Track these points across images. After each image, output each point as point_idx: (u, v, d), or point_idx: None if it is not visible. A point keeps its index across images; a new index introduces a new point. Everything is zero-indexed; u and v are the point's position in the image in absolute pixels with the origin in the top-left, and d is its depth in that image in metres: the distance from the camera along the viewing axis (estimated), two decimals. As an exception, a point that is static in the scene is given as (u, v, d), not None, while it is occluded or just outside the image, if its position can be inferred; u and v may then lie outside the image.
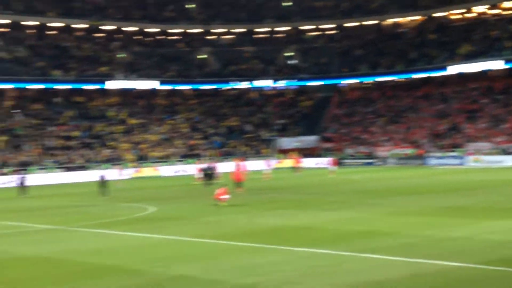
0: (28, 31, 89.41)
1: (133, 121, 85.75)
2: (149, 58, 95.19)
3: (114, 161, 72.98)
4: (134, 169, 70.46)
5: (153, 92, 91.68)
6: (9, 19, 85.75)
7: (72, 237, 26.87)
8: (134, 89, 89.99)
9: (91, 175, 62.66)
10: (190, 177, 58.60)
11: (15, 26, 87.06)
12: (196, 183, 53.43)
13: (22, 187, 51.45)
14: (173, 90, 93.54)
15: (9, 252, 23.38)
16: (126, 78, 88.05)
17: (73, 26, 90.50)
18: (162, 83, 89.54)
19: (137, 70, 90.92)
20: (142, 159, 76.54)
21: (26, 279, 18.22)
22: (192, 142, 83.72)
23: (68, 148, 76.91)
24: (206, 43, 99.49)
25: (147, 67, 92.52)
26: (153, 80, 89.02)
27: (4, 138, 74.97)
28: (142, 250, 22.47)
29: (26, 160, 71.21)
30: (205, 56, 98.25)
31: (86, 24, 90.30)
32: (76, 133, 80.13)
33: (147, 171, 71.60)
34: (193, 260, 19.83)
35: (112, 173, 49.88)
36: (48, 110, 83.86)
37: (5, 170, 67.18)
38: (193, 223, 29.36)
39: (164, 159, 77.32)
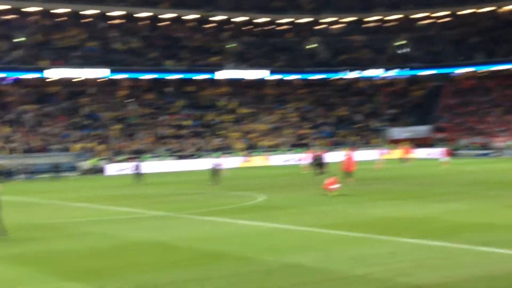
0: (141, 22, 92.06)
1: (243, 110, 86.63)
2: (259, 48, 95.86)
3: (224, 150, 74.02)
4: (244, 158, 71.38)
5: (262, 82, 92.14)
6: (123, 11, 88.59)
7: (183, 224, 27.07)
8: (244, 79, 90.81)
9: (202, 164, 64.13)
10: (299, 166, 58.75)
11: (129, 17, 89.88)
12: (304, 172, 53.36)
13: (137, 174, 53.01)
14: (283, 80, 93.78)
15: (122, 237, 23.79)
16: (236, 68, 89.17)
17: (184, 17, 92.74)
18: (271, 72, 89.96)
19: (247, 60, 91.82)
20: (251, 148, 77.19)
21: (139, 264, 18.48)
22: (301, 131, 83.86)
23: (180, 136, 78.59)
24: (315, 32, 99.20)
25: (257, 57, 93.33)
26: (262, 69, 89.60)
27: (119, 126, 77.65)
28: (252, 238, 22.56)
29: (140, 148, 73.46)
30: (314, 45, 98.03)
31: (197, 14, 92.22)
32: (187, 122, 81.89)
33: (257, 160, 72.26)
34: (303, 250, 19.66)
35: (222, 162, 50.68)
36: (160, 99, 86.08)
37: (119, 158, 69.78)
38: (303, 212, 29.18)
39: (274, 148, 77.80)
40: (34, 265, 19.10)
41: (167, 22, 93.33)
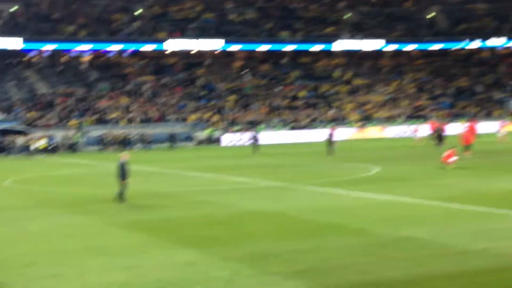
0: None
1: (358, 81, 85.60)
2: (375, 17, 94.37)
3: (339, 121, 73.43)
4: (359, 129, 70.79)
5: (378, 52, 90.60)
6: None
7: (298, 194, 27.25)
8: (360, 50, 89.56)
9: (316, 135, 64.02)
10: (415, 138, 57.91)
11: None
12: (421, 144, 52.53)
13: (254, 144, 53.57)
14: (399, 50, 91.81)
15: (237, 206, 24.35)
16: (351, 38, 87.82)
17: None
18: (388, 42, 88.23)
19: (363, 30, 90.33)
20: (366, 120, 76.21)
21: (252, 233, 18.94)
22: (418, 103, 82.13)
23: (294, 107, 78.44)
24: (435, 1, 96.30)
25: (373, 27, 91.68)
26: (379, 40, 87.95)
27: (234, 97, 78.25)
28: (367, 210, 22.41)
29: (254, 119, 73.73)
30: (433, 14, 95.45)
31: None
32: (302, 93, 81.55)
33: (372, 131, 71.35)
34: (420, 222, 19.59)
35: (337, 133, 50.42)
36: (275, 70, 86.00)
37: (234, 128, 70.45)
38: (419, 185, 28.80)
39: (389, 120, 76.52)
40: (149, 232, 19.95)
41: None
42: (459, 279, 13.33)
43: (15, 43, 75.18)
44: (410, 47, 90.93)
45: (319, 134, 63.08)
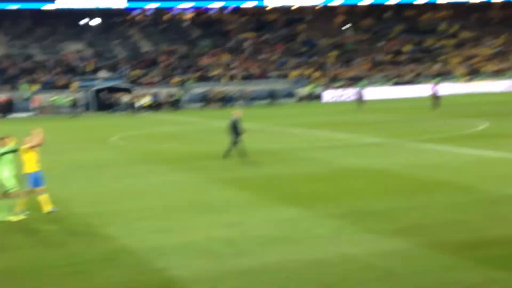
0: None
1: (465, 34, 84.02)
2: None
3: (444, 75, 72.31)
4: (465, 83, 69.33)
5: (487, 4, 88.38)
6: None
7: (402, 151, 27.07)
8: (467, 1, 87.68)
9: (420, 90, 63.21)
10: None
11: None
12: None
13: (359, 100, 53.34)
14: (509, 1, 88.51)
15: (339, 163, 24.29)
16: None
17: None
18: None
19: None
20: (473, 74, 74.65)
21: (355, 190, 18.87)
22: None
23: (397, 63, 77.83)
24: None
25: None
26: None
27: (335, 53, 78.21)
28: (475, 167, 21.92)
29: (356, 75, 73.49)
30: None
31: None
32: (405, 48, 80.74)
33: (479, 85, 69.46)
34: None
35: (442, 88, 49.39)
36: (378, 25, 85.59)
37: (335, 85, 70.40)
38: None
39: (498, 74, 74.44)
40: (252, 189, 20.14)
41: None
42: None
43: (119, 2, 77.47)
44: None
45: (423, 89, 62.12)
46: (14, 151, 18.65)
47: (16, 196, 17.90)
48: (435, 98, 47.46)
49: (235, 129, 25.25)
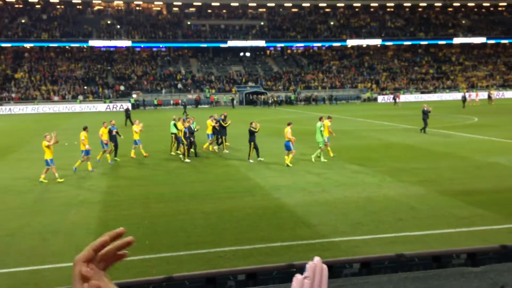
0: None
1: (467, 63, 79.87)
2: (481, 22, 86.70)
3: (452, 88, 70.89)
4: (466, 93, 56.09)
5: (482, 44, 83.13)
6: None
7: (423, 134, 25.26)
8: (471, 43, 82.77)
9: (439, 96, 61.70)
10: (475, 99, 51.61)
11: None
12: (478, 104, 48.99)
13: (395, 102, 51.77)
14: (498, 43, 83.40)
15: (385, 139, 23.14)
16: (464, 36, 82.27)
17: None
18: (488, 39, 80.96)
19: (472, 31, 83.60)
20: (471, 87, 70.19)
21: (394, 156, 18.39)
22: (507, 77, 76.45)
23: (424, 80, 73.80)
24: None
25: (480, 29, 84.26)
26: (482, 37, 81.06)
27: (386, 73, 75.05)
28: (468, 144, 20.80)
29: (397, 86, 70.99)
30: None
31: None
32: (430, 71, 76.61)
33: (474, 94, 57.91)
34: (503, 153, 18.05)
35: (453, 96, 51.54)
36: (414, 56, 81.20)
37: (385, 92, 67.94)
38: (503, 130, 25.63)
39: (486, 88, 69.28)
40: (332, 153, 18.92)
41: None
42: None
43: (261, 42, 75.38)
44: (504, 41, 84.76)
45: (441, 96, 61.91)
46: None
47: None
48: (463, 100, 46.60)
49: (425, 117, 24.17)
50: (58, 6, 78.79)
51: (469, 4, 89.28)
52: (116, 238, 0.95)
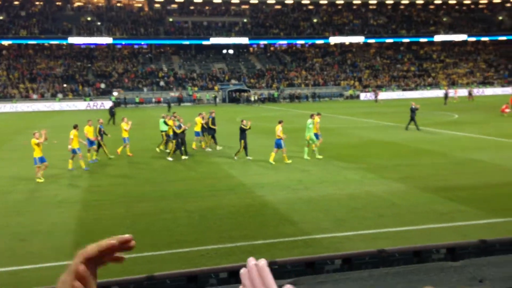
0: None
1: (448, 60, 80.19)
2: (462, 20, 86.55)
3: (434, 85, 70.82)
4: (447, 90, 54.13)
5: (463, 42, 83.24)
6: None
7: (404, 131, 25.51)
8: (452, 40, 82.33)
9: (420, 94, 60.46)
10: (455, 97, 51.72)
11: None
12: (457, 101, 48.69)
13: (376, 100, 52.23)
14: (478, 40, 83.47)
15: (366, 137, 23.52)
16: (446, 33, 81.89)
17: None
18: (469, 36, 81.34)
19: (453, 28, 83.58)
20: (452, 85, 70.29)
21: (375, 153, 18.60)
22: (487, 74, 76.97)
23: (406, 77, 74.18)
24: (504, 7, 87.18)
25: (460, 26, 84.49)
26: (463, 34, 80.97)
27: (368, 71, 75.04)
28: (449, 141, 21.10)
29: (380, 84, 70.89)
30: (501, 17, 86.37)
31: None
32: (411, 68, 76.67)
33: (453, 91, 58.13)
34: (482, 150, 18.38)
35: (431, 93, 51.08)
36: (395, 54, 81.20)
37: (367, 90, 67.66)
38: (483, 126, 25.89)
39: (466, 85, 69.45)
40: (320, 152, 18.67)
41: None
42: (508, 186, 12.79)
43: (244, 39, 74.89)
44: (484, 39, 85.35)
45: (419, 94, 62.12)
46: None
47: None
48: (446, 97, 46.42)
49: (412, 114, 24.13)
50: (37, 3, 78.31)
51: (450, 2, 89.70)
52: (124, 244, 0.94)
